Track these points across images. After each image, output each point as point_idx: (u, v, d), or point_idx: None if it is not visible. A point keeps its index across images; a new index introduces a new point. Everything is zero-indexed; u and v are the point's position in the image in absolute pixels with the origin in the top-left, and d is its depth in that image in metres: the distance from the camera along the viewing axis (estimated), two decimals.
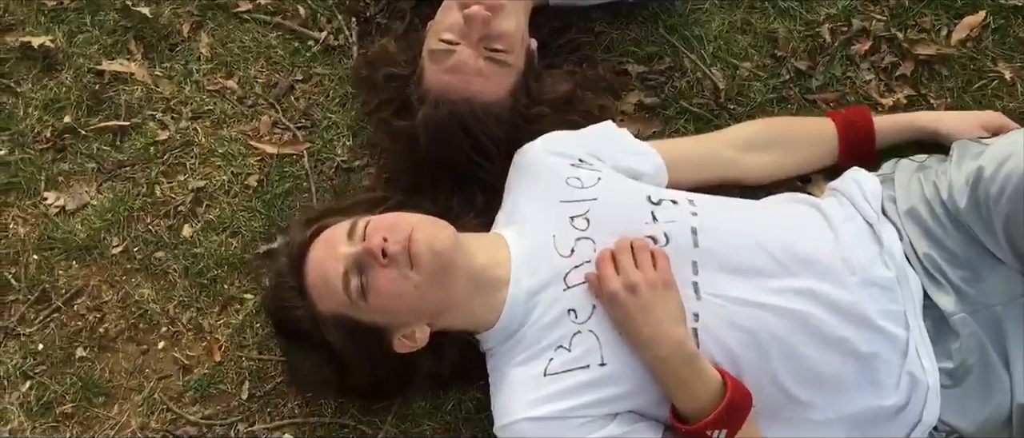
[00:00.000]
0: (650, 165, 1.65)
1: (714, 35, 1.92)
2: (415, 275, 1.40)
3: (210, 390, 1.70)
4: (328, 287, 1.43)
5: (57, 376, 1.72)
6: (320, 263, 1.45)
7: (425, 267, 1.41)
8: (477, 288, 1.48)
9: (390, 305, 1.42)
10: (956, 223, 1.50)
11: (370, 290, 1.40)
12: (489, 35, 1.64)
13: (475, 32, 1.64)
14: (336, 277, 1.42)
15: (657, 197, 1.53)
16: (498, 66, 1.66)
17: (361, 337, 1.46)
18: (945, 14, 1.90)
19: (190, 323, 1.75)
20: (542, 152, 1.63)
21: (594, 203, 1.53)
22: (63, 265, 1.82)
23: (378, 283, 1.40)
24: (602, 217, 1.51)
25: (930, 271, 1.51)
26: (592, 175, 1.57)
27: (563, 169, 1.58)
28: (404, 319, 1.46)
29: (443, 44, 1.65)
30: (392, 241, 1.40)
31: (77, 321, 1.77)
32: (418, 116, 1.65)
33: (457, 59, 1.64)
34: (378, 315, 1.44)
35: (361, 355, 1.49)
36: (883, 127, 1.74)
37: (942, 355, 1.48)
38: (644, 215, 1.50)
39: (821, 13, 1.93)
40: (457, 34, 1.65)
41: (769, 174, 1.74)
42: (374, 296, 1.41)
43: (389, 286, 1.40)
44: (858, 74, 1.87)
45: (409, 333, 1.47)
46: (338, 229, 1.47)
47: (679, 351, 1.38)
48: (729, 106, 1.86)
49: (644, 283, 1.39)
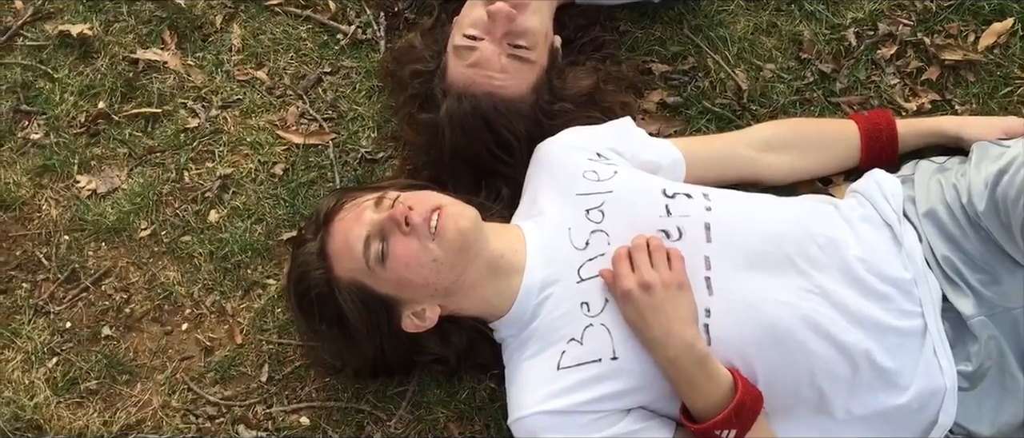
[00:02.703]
0: (668, 159, 1.66)
1: (739, 36, 1.92)
2: (436, 248, 1.43)
3: (230, 372, 1.73)
4: (348, 248, 1.46)
5: (83, 354, 1.76)
6: (344, 225, 1.48)
7: (447, 243, 1.43)
8: (492, 273, 1.49)
9: (406, 275, 1.44)
10: (975, 226, 1.49)
11: (389, 256, 1.43)
12: (512, 32, 1.66)
13: (499, 28, 1.65)
14: (357, 240, 1.45)
15: (672, 191, 1.54)
16: (521, 62, 1.68)
17: (372, 307, 1.48)
18: (973, 20, 1.89)
19: (213, 306, 1.79)
20: (561, 146, 1.64)
21: (609, 196, 1.54)
22: (93, 246, 1.86)
23: (397, 250, 1.43)
24: (616, 210, 1.52)
25: (949, 273, 1.50)
26: (609, 169, 1.58)
27: (581, 163, 1.59)
28: (416, 293, 1.47)
29: (467, 40, 1.67)
30: (417, 212, 1.43)
31: (104, 301, 1.81)
32: (441, 110, 1.67)
33: (480, 55, 1.66)
34: (392, 285, 1.46)
35: (370, 327, 1.50)
36: (905, 131, 1.72)
37: (960, 358, 1.47)
38: (658, 209, 1.51)
39: (847, 17, 1.92)
40: (481, 30, 1.67)
41: (788, 175, 1.74)
42: (392, 262, 1.43)
43: (408, 255, 1.43)
44: (883, 78, 1.86)
45: (419, 311, 1.49)
46: (366, 198, 1.51)
47: (690, 352, 1.38)
48: (751, 107, 1.86)
49: (659, 283, 1.40)
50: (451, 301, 1.49)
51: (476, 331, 1.55)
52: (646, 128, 1.80)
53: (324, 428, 1.67)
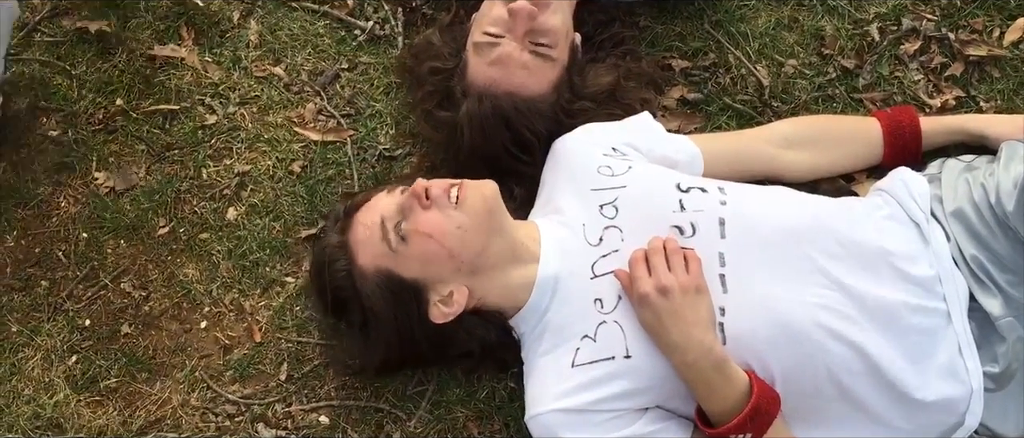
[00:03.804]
0: (685, 155, 1.65)
1: (760, 32, 1.90)
2: (459, 215, 1.45)
3: (249, 370, 1.72)
4: (369, 234, 1.47)
5: (102, 351, 1.76)
6: (365, 215, 1.50)
7: (471, 207, 1.45)
8: (513, 256, 1.49)
9: (430, 247, 1.44)
10: (1003, 226, 1.47)
11: (411, 232, 1.44)
12: (534, 29, 1.65)
13: (520, 26, 1.64)
14: (375, 225, 1.46)
15: (686, 185, 1.53)
16: (543, 60, 1.67)
17: (400, 296, 1.46)
18: (998, 15, 1.87)
19: (232, 304, 1.78)
20: (576, 142, 1.63)
21: (623, 191, 1.53)
22: (111, 244, 1.86)
23: (419, 223, 1.44)
24: (630, 205, 1.51)
25: (977, 273, 1.48)
26: (623, 164, 1.57)
27: (596, 158, 1.59)
28: (442, 270, 1.46)
29: (488, 37, 1.66)
30: (435, 186, 1.46)
31: (123, 299, 1.81)
32: (461, 110, 1.66)
33: (501, 52, 1.65)
34: (417, 262, 1.45)
35: (392, 315, 1.48)
36: (929, 129, 1.70)
37: (987, 358, 1.45)
38: (672, 204, 1.50)
39: (870, 12, 1.90)
40: (502, 28, 1.65)
41: (807, 171, 1.72)
42: (414, 237, 1.44)
43: (431, 225, 1.44)
44: (906, 74, 1.84)
45: (446, 296, 1.47)
46: (380, 192, 1.54)
47: (707, 356, 1.37)
48: (773, 104, 1.84)
49: (676, 287, 1.39)
50: (477, 283, 1.48)
51: (500, 327, 1.54)
52: (666, 125, 1.79)
53: (343, 427, 1.66)
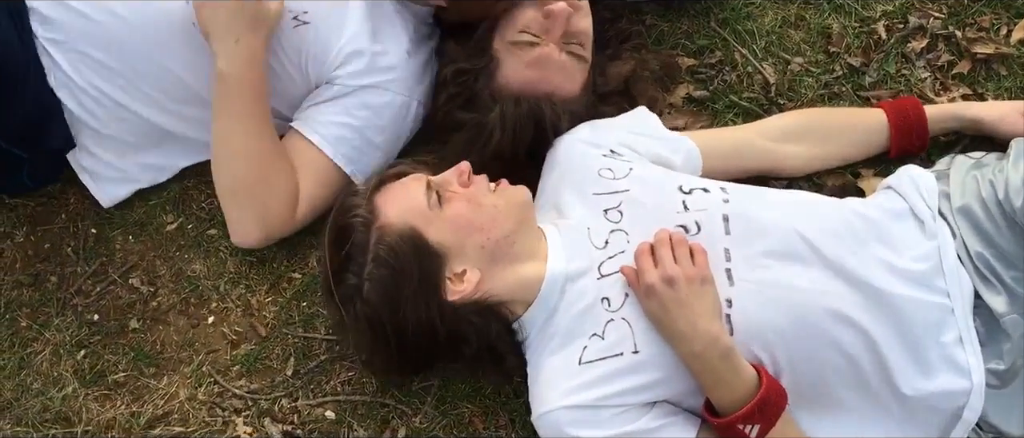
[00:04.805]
0: (682, 153, 1.66)
1: (767, 30, 1.91)
2: (497, 198, 1.50)
3: (256, 365, 1.73)
4: (407, 193, 1.48)
5: (110, 346, 1.77)
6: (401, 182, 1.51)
7: (507, 197, 1.51)
8: (530, 253, 1.50)
9: (466, 214, 1.46)
10: (1011, 223, 1.47)
11: (450, 198, 1.47)
12: (569, 32, 1.67)
13: (558, 28, 1.66)
14: (419, 187, 1.48)
15: (689, 186, 1.54)
16: (577, 60, 1.70)
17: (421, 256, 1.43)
18: (1005, 13, 1.87)
19: (239, 299, 1.79)
20: (575, 144, 1.64)
21: (626, 195, 1.54)
22: (120, 240, 1.87)
23: (459, 193, 1.49)
24: (635, 208, 1.52)
25: (982, 270, 1.48)
26: (624, 165, 1.58)
27: (596, 161, 1.59)
28: (468, 243, 1.46)
29: (527, 35, 1.67)
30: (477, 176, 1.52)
31: (131, 294, 1.82)
32: (494, 112, 1.66)
33: (540, 53, 1.67)
34: (448, 227, 1.45)
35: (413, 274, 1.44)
36: (930, 116, 1.71)
37: (992, 356, 1.45)
38: (676, 204, 1.50)
39: (877, 10, 1.90)
40: (537, 30, 1.67)
41: (806, 164, 1.73)
42: (453, 201, 1.47)
43: (470, 196, 1.49)
44: (913, 71, 1.85)
45: (460, 273, 1.46)
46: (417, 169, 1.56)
47: (714, 346, 1.37)
48: (779, 101, 1.85)
49: (682, 277, 1.39)
50: (492, 270, 1.47)
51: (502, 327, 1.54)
52: (672, 122, 1.80)
53: (349, 422, 1.67)
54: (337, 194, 1.72)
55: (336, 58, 1.71)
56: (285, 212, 1.72)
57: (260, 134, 1.68)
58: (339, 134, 1.73)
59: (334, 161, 1.73)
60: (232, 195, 1.72)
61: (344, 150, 1.73)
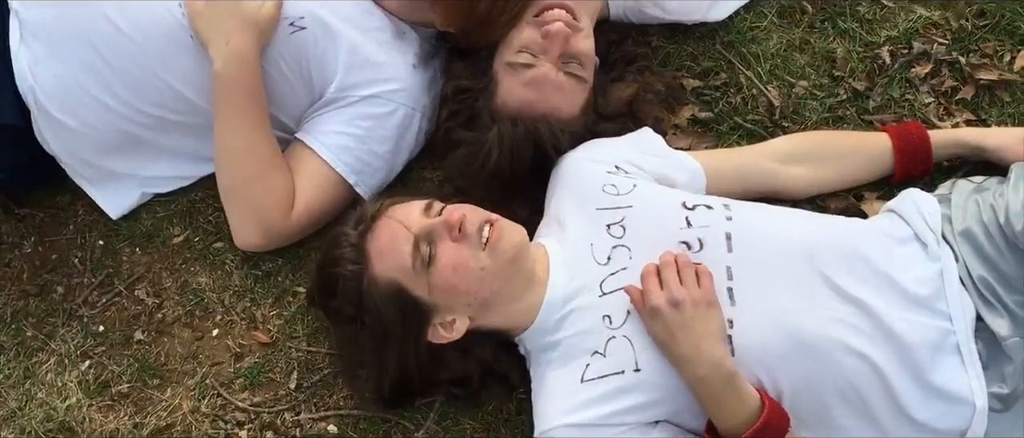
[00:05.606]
0: (686, 172, 1.67)
1: (771, 53, 1.93)
2: (485, 258, 1.45)
3: (260, 378, 1.74)
4: (394, 248, 1.45)
5: (115, 357, 1.78)
6: (391, 226, 1.47)
7: (499, 255, 1.46)
8: (525, 286, 1.50)
9: (451, 281, 1.44)
10: (1012, 247, 1.48)
11: (436, 260, 1.43)
12: (566, 52, 1.67)
13: (556, 48, 1.66)
14: (406, 241, 1.45)
15: (692, 203, 1.54)
16: (576, 81, 1.70)
17: (405, 310, 1.46)
18: (1008, 40, 1.88)
19: (244, 312, 1.80)
20: (580, 160, 1.65)
21: (629, 210, 1.54)
22: (127, 251, 1.88)
23: (446, 255, 1.44)
24: (638, 224, 1.53)
25: (984, 294, 1.49)
26: (628, 182, 1.59)
27: (600, 176, 1.60)
28: (455, 301, 1.47)
29: (524, 55, 1.68)
30: (470, 221, 1.45)
31: (137, 306, 1.83)
32: (492, 132, 1.66)
33: (537, 72, 1.67)
34: (433, 290, 1.45)
35: (397, 329, 1.48)
36: (933, 142, 1.72)
37: (995, 379, 1.45)
38: (679, 221, 1.51)
39: (881, 35, 1.92)
40: (536, 50, 1.68)
41: (809, 186, 1.74)
42: (439, 267, 1.44)
43: (457, 261, 1.44)
44: (917, 96, 1.86)
45: (449, 322, 1.48)
46: (414, 203, 1.51)
47: (718, 370, 1.38)
48: (783, 124, 1.86)
49: (688, 300, 1.40)
50: (482, 314, 1.50)
51: (499, 344, 1.55)
52: (677, 143, 1.81)
53: (351, 436, 1.67)
54: (338, 203, 1.75)
55: (338, 64, 1.73)
56: (279, 212, 1.73)
57: (254, 134, 1.71)
58: (341, 143, 1.74)
59: (335, 169, 1.74)
60: (229, 194, 1.75)
61: (346, 159, 1.74)
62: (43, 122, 1.76)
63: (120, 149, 1.81)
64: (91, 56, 1.71)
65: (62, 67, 1.72)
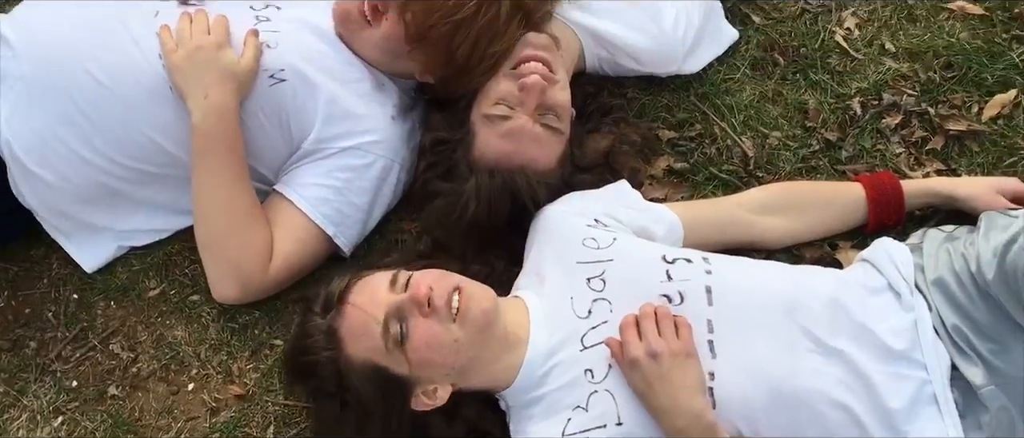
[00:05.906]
0: (664, 225, 1.68)
1: (745, 104, 1.96)
2: (457, 330, 1.43)
3: (236, 433, 1.71)
4: (365, 330, 1.43)
5: (89, 413, 1.75)
6: (359, 308, 1.45)
7: (470, 324, 1.44)
8: (503, 349, 1.49)
9: (426, 356, 1.43)
10: (984, 295, 1.49)
11: (409, 338, 1.42)
12: (544, 104, 1.69)
13: (532, 100, 1.68)
14: (375, 322, 1.42)
15: (672, 256, 1.55)
16: (552, 133, 1.71)
17: (385, 388, 1.44)
18: (976, 91, 1.92)
19: (220, 366, 1.78)
20: (560, 214, 1.66)
21: (610, 264, 1.55)
22: (102, 305, 1.87)
23: (418, 332, 1.42)
24: (618, 278, 1.53)
25: (958, 343, 1.50)
26: (607, 235, 1.59)
27: (580, 230, 1.61)
28: (433, 374, 1.45)
29: (501, 108, 1.69)
30: (437, 294, 1.43)
31: (111, 360, 1.81)
32: (469, 183, 1.67)
33: (513, 125, 1.68)
34: (410, 366, 1.43)
35: (380, 407, 1.46)
36: (906, 191, 1.74)
37: (972, 427, 1.46)
38: (659, 274, 1.52)
39: (852, 87, 1.96)
40: (513, 102, 1.69)
41: (784, 236, 1.75)
42: (412, 344, 1.42)
43: (429, 337, 1.42)
44: (888, 147, 1.89)
45: (431, 391, 1.47)
46: (379, 278, 1.49)
47: (697, 422, 1.38)
48: (758, 174, 1.88)
49: (666, 352, 1.40)
50: (463, 379, 1.48)
51: (483, 402, 1.54)
52: (653, 193, 1.83)
53: None
54: (317, 255, 1.75)
55: (317, 116, 1.73)
56: (257, 266, 1.72)
57: (233, 187, 1.71)
58: (320, 195, 1.74)
59: (314, 221, 1.74)
60: (207, 247, 1.74)
61: (325, 210, 1.75)
62: (19, 175, 1.75)
63: (97, 202, 1.80)
64: (70, 109, 1.71)
65: (40, 120, 1.72)
